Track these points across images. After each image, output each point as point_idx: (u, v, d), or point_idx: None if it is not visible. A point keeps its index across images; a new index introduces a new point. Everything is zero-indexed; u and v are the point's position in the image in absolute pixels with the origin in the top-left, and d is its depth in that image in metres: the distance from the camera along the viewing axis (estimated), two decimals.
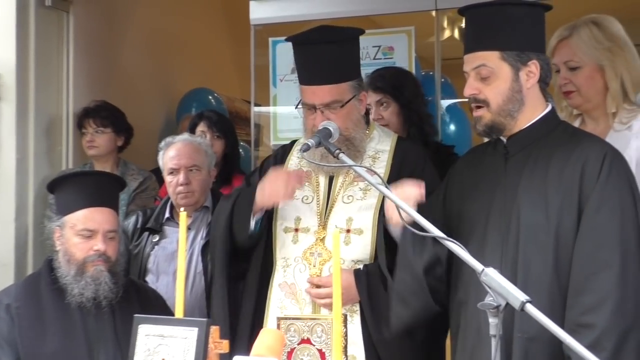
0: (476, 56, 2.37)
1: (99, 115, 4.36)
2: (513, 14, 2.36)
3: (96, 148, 4.36)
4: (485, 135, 2.44)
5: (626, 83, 2.74)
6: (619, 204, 2.22)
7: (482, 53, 2.36)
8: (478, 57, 2.37)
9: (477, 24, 2.41)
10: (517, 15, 2.36)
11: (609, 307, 2.13)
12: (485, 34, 2.37)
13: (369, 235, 2.69)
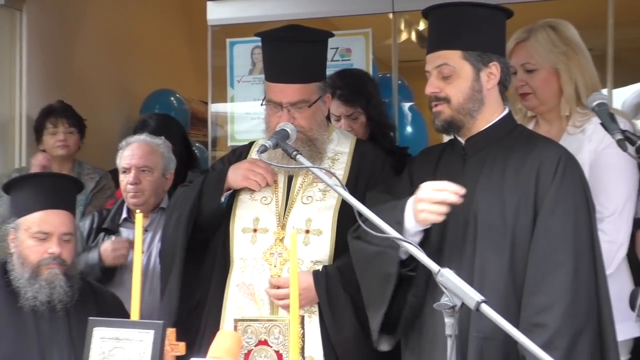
0: (438, 55, 2.40)
1: (68, 115, 4.32)
2: (476, 15, 2.39)
3: (67, 147, 4.33)
4: (443, 131, 2.46)
5: (580, 87, 2.79)
6: (572, 207, 2.26)
7: (445, 52, 2.39)
8: (440, 56, 2.40)
9: (441, 24, 2.44)
10: (480, 17, 2.39)
11: (562, 307, 2.17)
12: (448, 34, 2.40)
13: (328, 236, 2.69)
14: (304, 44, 2.71)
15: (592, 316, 2.20)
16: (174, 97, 5.60)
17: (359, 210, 2.08)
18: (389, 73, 4.68)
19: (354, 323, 2.60)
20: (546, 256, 2.23)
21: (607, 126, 2.32)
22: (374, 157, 2.84)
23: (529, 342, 1.77)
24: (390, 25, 4.64)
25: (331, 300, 2.61)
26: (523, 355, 2.15)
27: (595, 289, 2.23)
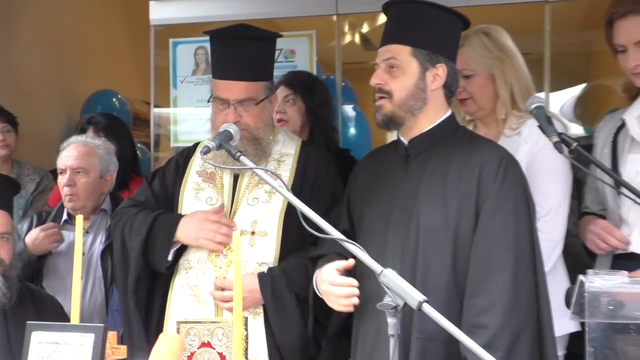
0: (389, 49, 2.43)
1: (4, 114, 4.22)
2: (433, 16, 2.42)
3: (8, 147, 4.25)
4: (383, 126, 2.47)
5: (515, 91, 2.85)
6: (513, 208, 2.30)
7: (395, 46, 2.42)
8: (390, 49, 2.42)
9: (397, 19, 2.47)
10: (436, 18, 2.42)
11: (502, 308, 2.20)
12: (401, 29, 2.43)
13: (273, 238, 2.69)
14: (252, 42, 2.72)
15: (531, 316, 2.25)
16: (116, 98, 5.53)
17: (304, 212, 2.09)
18: (332, 75, 4.70)
19: (299, 324, 2.61)
20: (487, 257, 2.26)
21: (544, 129, 2.37)
22: (319, 159, 2.85)
23: (470, 341, 1.80)
24: (334, 27, 4.66)
25: (276, 302, 2.61)
26: (465, 356, 2.19)
27: (535, 289, 2.27)
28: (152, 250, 2.72)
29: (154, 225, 2.73)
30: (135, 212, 2.81)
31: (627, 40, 2.56)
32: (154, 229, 2.72)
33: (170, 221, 2.72)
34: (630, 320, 2.05)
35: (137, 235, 2.73)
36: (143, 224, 2.74)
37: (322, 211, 2.45)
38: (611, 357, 1.99)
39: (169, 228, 2.71)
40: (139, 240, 2.72)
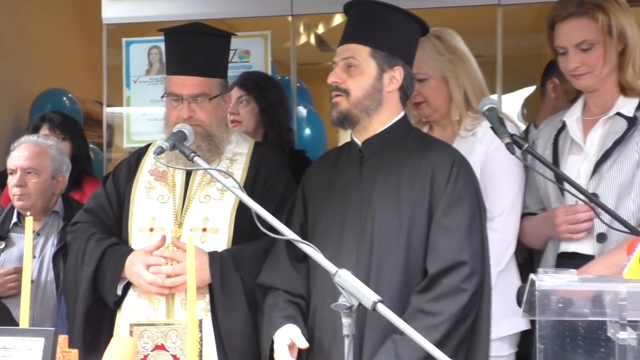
0: (348, 48, 2.45)
1: None
2: (394, 19, 2.45)
3: None
4: (338, 124, 2.49)
5: (468, 93, 2.89)
6: (465, 209, 2.33)
7: (354, 46, 2.43)
8: (349, 49, 2.44)
9: (358, 19, 2.48)
10: (397, 21, 2.45)
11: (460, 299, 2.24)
12: (361, 29, 2.45)
13: (225, 234, 2.69)
14: (206, 38, 2.73)
15: (473, 310, 2.28)
16: (66, 97, 5.44)
17: (256, 211, 2.09)
18: (287, 75, 4.70)
19: (243, 305, 2.61)
20: (441, 256, 2.29)
21: (496, 130, 2.40)
22: (271, 160, 2.86)
23: (425, 340, 1.82)
24: (289, 28, 4.66)
25: (223, 281, 2.61)
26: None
27: (483, 283, 2.30)
28: (101, 282, 2.71)
29: (103, 257, 2.71)
30: (88, 235, 2.77)
31: (567, 42, 2.61)
32: (104, 263, 2.71)
33: (118, 258, 2.70)
34: (579, 317, 2.10)
35: (88, 266, 2.72)
36: (93, 253, 2.72)
37: (273, 209, 2.46)
38: (560, 354, 2.02)
39: (115, 266, 2.69)
40: (88, 272, 2.71)
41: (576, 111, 2.72)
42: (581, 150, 2.64)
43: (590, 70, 2.59)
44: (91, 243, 2.75)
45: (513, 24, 4.60)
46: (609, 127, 2.61)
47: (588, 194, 2.36)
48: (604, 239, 2.52)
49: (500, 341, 2.81)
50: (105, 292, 2.71)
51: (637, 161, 2.52)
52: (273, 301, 2.47)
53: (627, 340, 1.94)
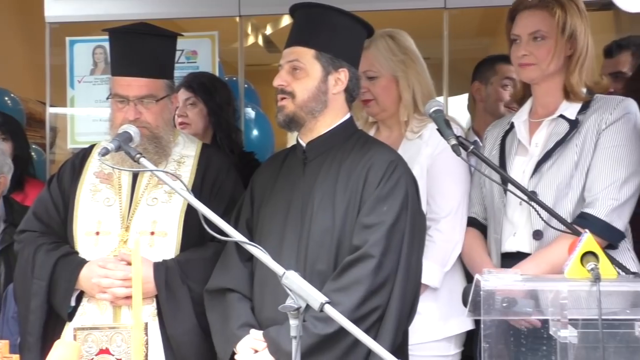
0: (293, 51, 2.46)
1: None
2: (338, 21, 2.46)
3: None
4: (285, 126, 2.50)
5: (417, 94, 2.92)
6: (391, 208, 2.35)
7: (299, 49, 2.45)
8: (295, 51, 2.45)
9: (303, 22, 2.49)
10: (341, 24, 2.46)
11: (360, 292, 2.27)
12: (306, 32, 2.46)
13: (174, 238, 2.67)
14: (152, 38, 2.71)
15: (376, 304, 2.30)
16: (8, 97, 5.32)
17: (204, 214, 2.07)
18: (235, 77, 4.68)
19: (191, 316, 2.59)
20: (357, 247, 2.33)
21: (442, 132, 2.43)
22: (219, 161, 2.85)
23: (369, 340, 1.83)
24: (237, 29, 4.65)
25: (169, 292, 2.59)
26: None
27: (393, 282, 2.32)
28: (54, 295, 2.67)
29: (54, 270, 2.66)
30: (36, 246, 2.72)
31: (522, 31, 2.66)
32: (55, 275, 2.66)
33: (70, 270, 2.65)
34: (522, 316, 2.14)
35: (39, 280, 2.67)
36: (44, 266, 2.67)
37: (221, 211, 2.48)
38: (504, 352, 2.06)
39: (69, 279, 2.65)
40: (41, 286, 2.66)
41: (523, 113, 2.77)
42: (527, 152, 2.69)
43: (536, 61, 2.64)
44: (40, 254, 2.69)
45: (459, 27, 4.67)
46: (552, 129, 2.66)
47: (528, 193, 2.41)
48: (540, 237, 2.57)
49: (446, 341, 2.85)
50: (59, 305, 2.66)
51: (576, 162, 2.57)
52: (227, 306, 2.47)
53: (568, 338, 1.98)
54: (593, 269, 1.96)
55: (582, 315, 2.00)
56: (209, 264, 2.59)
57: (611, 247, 2.54)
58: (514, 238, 2.65)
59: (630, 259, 2.58)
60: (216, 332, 2.48)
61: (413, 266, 2.38)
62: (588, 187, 2.56)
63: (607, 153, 2.55)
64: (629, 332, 2.01)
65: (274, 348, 2.31)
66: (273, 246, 2.38)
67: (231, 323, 2.42)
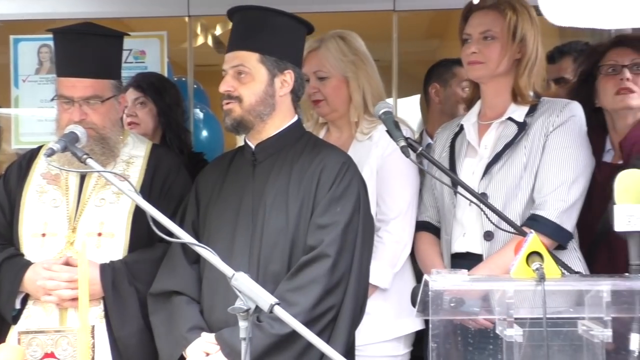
0: (237, 55, 2.45)
1: None
2: (279, 23, 2.46)
3: None
4: (233, 130, 2.50)
5: (367, 95, 2.94)
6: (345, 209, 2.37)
7: (243, 53, 2.44)
8: (238, 56, 2.44)
9: (243, 25, 2.48)
10: (282, 25, 2.46)
11: (316, 291, 2.28)
12: (248, 36, 2.45)
13: (122, 239, 2.65)
14: (97, 38, 2.68)
15: (332, 303, 2.31)
16: None
17: (152, 215, 2.05)
18: (184, 77, 4.65)
19: (138, 318, 2.57)
20: (308, 249, 2.34)
21: (392, 134, 2.45)
22: (169, 162, 2.83)
23: (320, 341, 1.84)
24: (186, 29, 4.62)
25: (116, 294, 2.57)
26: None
27: (347, 282, 2.34)
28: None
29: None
30: None
31: (474, 30, 2.70)
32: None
33: (15, 272, 2.62)
34: (470, 315, 2.17)
35: None
36: None
37: (171, 212, 2.49)
38: (452, 352, 2.08)
39: (13, 281, 2.61)
40: None
41: (472, 116, 2.81)
42: (476, 153, 2.73)
43: (485, 60, 2.68)
44: None
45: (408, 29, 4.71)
46: (501, 131, 2.70)
47: (477, 195, 2.44)
48: (491, 237, 2.61)
49: (396, 341, 2.87)
50: (3, 307, 2.64)
51: (525, 164, 2.62)
52: (174, 309, 2.45)
53: (514, 337, 2.01)
54: (538, 268, 2.00)
55: (527, 314, 2.03)
56: (157, 265, 2.58)
57: (560, 248, 2.59)
58: (463, 239, 2.69)
59: (577, 259, 2.63)
60: (161, 335, 2.46)
61: (364, 266, 2.41)
62: (537, 188, 2.60)
63: (555, 155, 2.60)
64: (572, 330, 2.06)
65: (227, 350, 2.30)
66: (223, 248, 2.38)
67: (180, 326, 2.40)
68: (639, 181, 2.09)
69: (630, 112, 2.82)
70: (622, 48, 2.87)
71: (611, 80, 2.83)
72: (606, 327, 2.01)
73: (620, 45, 2.88)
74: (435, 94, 3.93)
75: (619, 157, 2.86)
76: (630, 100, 2.79)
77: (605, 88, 2.84)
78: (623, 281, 2.04)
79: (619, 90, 2.80)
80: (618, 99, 2.81)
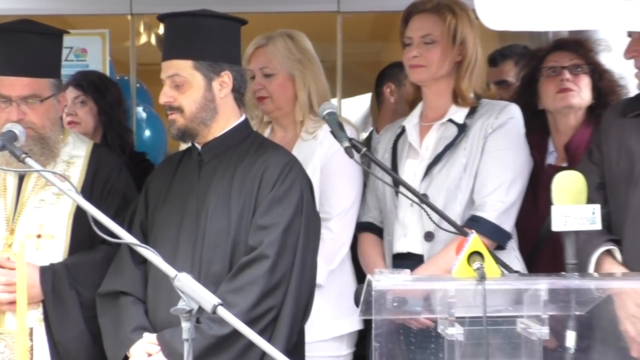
0: (171, 64, 2.43)
1: None
2: (207, 25, 2.44)
3: None
4: (179, 139, 2.49)
5: (313, 95, 2.95)
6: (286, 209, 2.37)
7: (177, 62, 2.42)
8: (173, 65, 2.42)
9: (174, 32, 2.47)
10: (211, 27, 2.44)
11: (255, 292, 2.28)
12: (180, 43, 2.43)
13: (62, 240, 2.61)
14: (35, 36, 2.62)
15: (272, 304, 2.32)
16: None
17: (94, 216, 2.03)
18: (127, 76, 4.60)
19: (79, 321, 2.54)
20: (249, 250, 2.34)
21: (336, 134, 2.46)
22: (111, 162, 2.80)
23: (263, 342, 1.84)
24: (129, 27, 4.56)
25: (56, 298, 2.53)
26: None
27: (288, 283, 2.34)
28: None
29: None
30: None
31: (414, 33, 2.73)
32: None
33: None
34: (412, 315, 2.20)
35: None
36: None
37: (113, 212, 2.45)
38: (394, 351, 2.10)
39: None
40: None
41: (414, 117, 2.84)
42: (417, 155, 2.76)
43: (427, 64, 2.71)
44: None
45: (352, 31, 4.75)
46: (441, 133, 2.74)
47: (419, 195, 2.47)
48: (432, 238, 2.65)
49: (337, 341, 2.88)
50: None
51: (465, 165, 2.66)
52: (120, 309, 2.43)
53: (455, 335, 2.05)
54: (479, 268, 2.03)
55: (468, 313, 2.06)
56: (98, 268, 2.55)
57: (500, 248, 2.64)
58: (405, 239, 2.72)
59: (515, 258, 2.68)
60: (108, 336, 2.44)
61: (308, 266, 2.41)
62: (477, 189, 2.65)
63: (494, 156, 2.65)
64: (511, 328, 2.10)
65: (168, 351, 2.29)
66: (168, 248, 2.37)
67: (124, 326, 2.39)
68: (575, 182, 2.14)
69: (571, 111, 2.92)
70: (561, 51, 2.98)
71: (552, 82, 2.94)
72: (544, 325, 2.06)
73: (560, 48, 3.00)
74: (390, 94, 3.97)
75: (562, 159, 2.94)
76: (570, 99, 2.91)
77: (547, 89, 2.95)
78: (560, 280, 2.09)
79: (559, 90, 2.91)
80: (559, 97, 2.92)
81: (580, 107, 2.91)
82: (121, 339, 2.38)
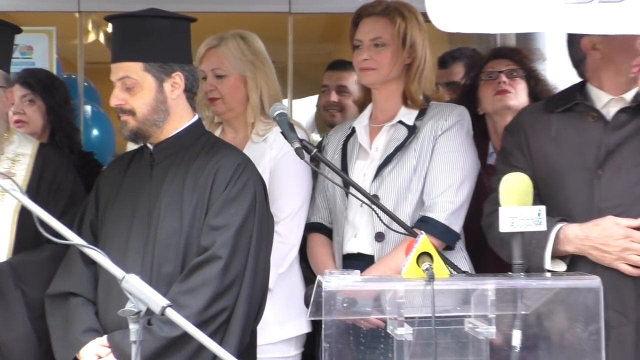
0: (121, 67, 2.40)
1: None
2: (156, 26, 2.42)
3: None
4: (131, 140, 2.48)
5: (264, 96, 2.94)
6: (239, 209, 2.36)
7: (126, 64, 2.40)
8: (122, 67, 2.40)
9: (122, 34, 2.44)
10: (160, 27, 2.42)
11: (207, 294, 2.27)
12: (128, 45, 2.41)
13: (6, 239, 2.57)
14: None
15: (225, 305, 2.31)
16: None
17: (38, 215, 1.99)
18: (74, 74, 4.53)
19: (24, 322, 2.50)
20: (201, 251, 2.33)
21: (286, 135, 2.47)
22: (57, 161, 2.76)
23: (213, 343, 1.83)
24: (77, 25, 4.49)
25: (0, 297, 2.49)
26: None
27: (240, 284, 2.34)
28: None
29: None
30: None
31: (364, 36, 2.76)
32: None
33: None
34: (362, 315, 2.21)
35: None
36: None
37: (59, 212, 2.43)
38: (344, 351, 2.11)
39: None
40: None
41: (364, 119, 2.86)
42: (367, 156, 2.78)
43: (377, 66, 2.73)
44: None
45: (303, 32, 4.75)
46: (392, 134, 2.76)
47: (370, 196, 2.49)
48: (382, 238, 2.67)
49: (285, 343, 2.87)
50: None
51: (415, 167, 2.69)
52: (69, 310, 2.40)
53: (404, 335, 2.06)
54: (428, 268, 2.05)
55: (417, 313, 2.08)
56: (45, 267, 2.52)
57: (448, 248, 2.67)
58: (355, 240, 2.73)
59: (463, 258, 2.72)
60: (57, 337, 2.40)
61: (261, 267, 2.40)
62: (427, 190, 2.67)
63: (443, 158, 2.68)
64: (459, 328, 2.13)
65: (118, 352, 2.27)
66: (118, 249, 2.35)
67: (74, 328, 2.36)
68: (521, 184, 2.18)
69: (509, 112, 3.00)
70: (498, 59, 3.13)
71: (490, 85, 3.08)
72: (491, 325, 2.09)
73: (497, 56, 3.16)
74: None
75: None
76: (507, 100, 3.05)
77: (486, 93, 3.09)
78: (506, 280, 2.12)
79: (497, 92, 3.05)
80: (497, 99, 3.05)
81: (517, 109, 2.98)
82: (71, 340, 2.35)
